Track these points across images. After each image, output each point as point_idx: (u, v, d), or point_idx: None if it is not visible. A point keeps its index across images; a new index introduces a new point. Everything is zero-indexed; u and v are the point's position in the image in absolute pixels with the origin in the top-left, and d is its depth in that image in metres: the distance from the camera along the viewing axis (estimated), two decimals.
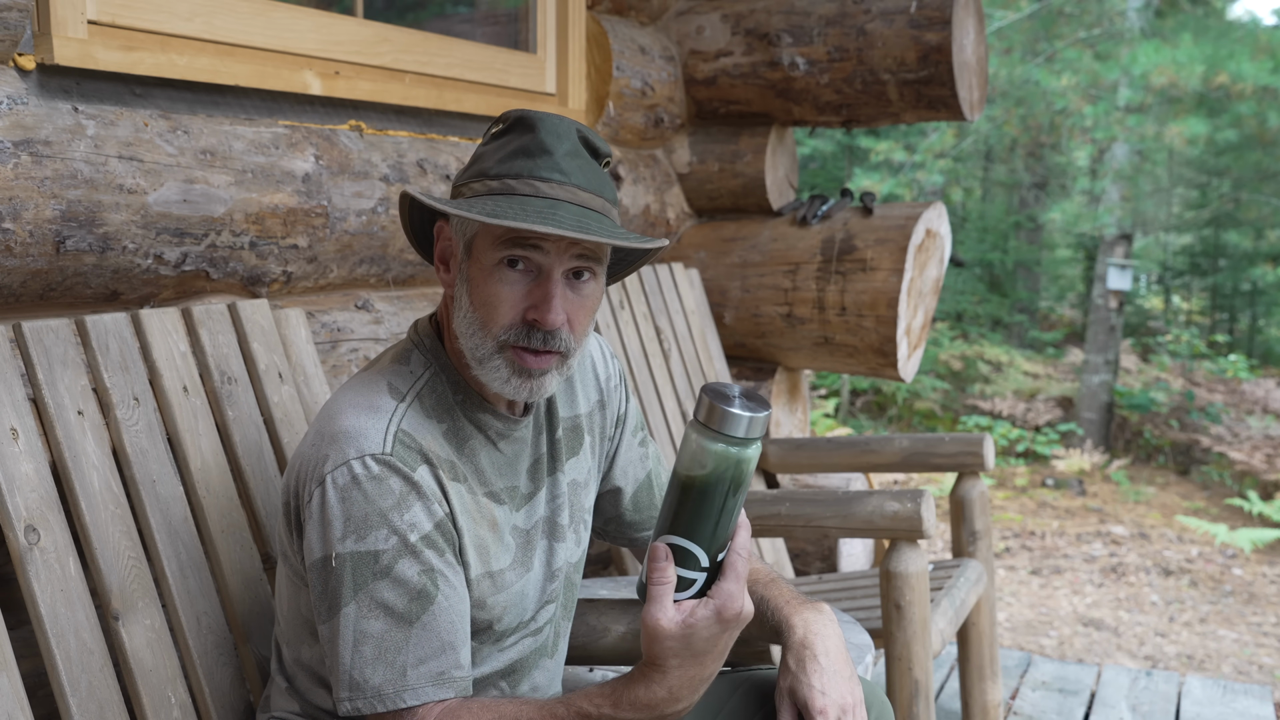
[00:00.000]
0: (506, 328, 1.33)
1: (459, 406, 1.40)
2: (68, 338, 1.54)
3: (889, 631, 2.15)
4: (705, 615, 1.20)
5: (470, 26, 3.16)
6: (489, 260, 1.32)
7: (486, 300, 1.33)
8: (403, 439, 1.32)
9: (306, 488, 1.33)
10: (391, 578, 1.29)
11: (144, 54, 1.82)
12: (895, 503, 2.15)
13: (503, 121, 1.37)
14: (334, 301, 2.24)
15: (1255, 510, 7.45)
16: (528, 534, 1.47)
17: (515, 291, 1.32)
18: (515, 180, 1.31)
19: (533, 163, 1.31)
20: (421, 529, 1.30)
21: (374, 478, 1.29)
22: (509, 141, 1.34)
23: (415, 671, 1.28)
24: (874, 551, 3.37)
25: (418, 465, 1.32)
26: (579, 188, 1.32)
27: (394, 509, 1.29)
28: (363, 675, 1.28)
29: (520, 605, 1.45)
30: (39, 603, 1.40)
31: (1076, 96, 10.07)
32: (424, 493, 1.31)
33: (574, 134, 1.35)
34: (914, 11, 2.97)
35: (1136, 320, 13.49)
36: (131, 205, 1.76)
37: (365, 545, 1.28)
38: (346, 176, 2.18)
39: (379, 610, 1.28)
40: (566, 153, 1.33)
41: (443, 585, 1.31)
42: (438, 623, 1.30)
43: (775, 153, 3.29)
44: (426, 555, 1.30)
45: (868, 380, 10.29)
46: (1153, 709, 3.38)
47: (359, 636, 1.28)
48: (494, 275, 1.32)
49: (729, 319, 3.23)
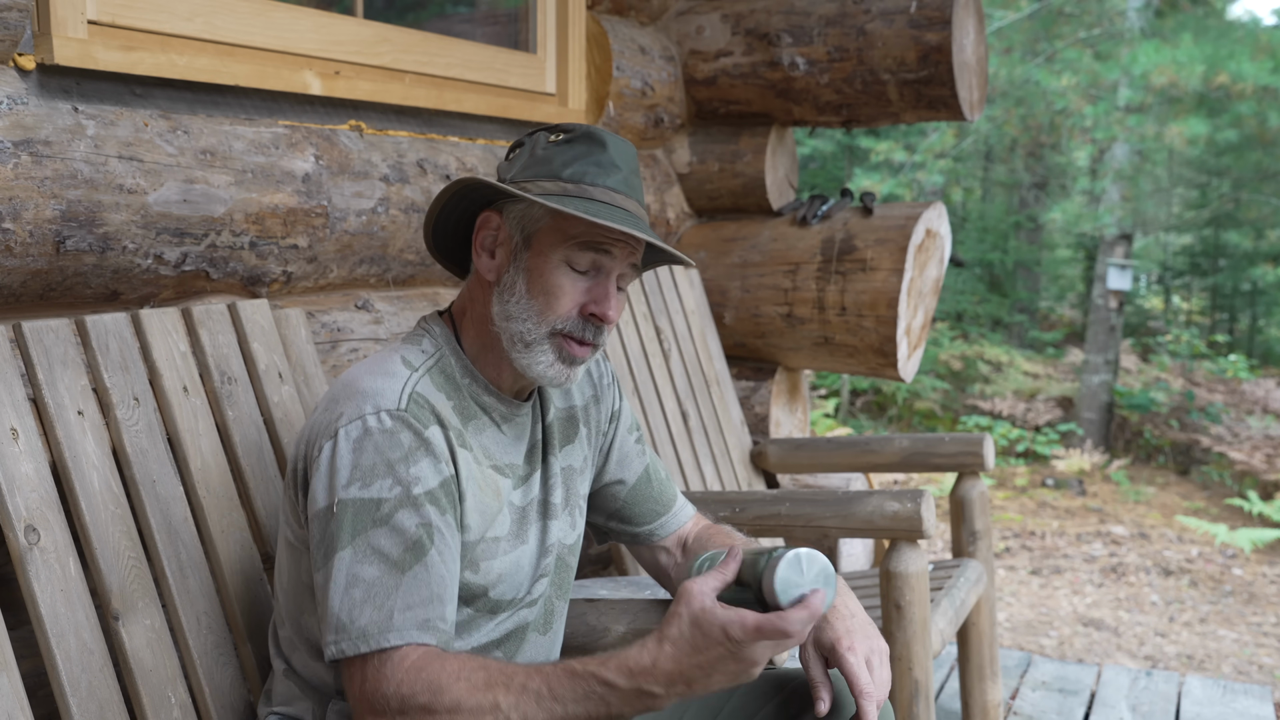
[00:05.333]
0: (564, 318, 1.43)
1: (465, 388, 1.48)
2: (68, 338, 1.54)
3: (889, 631, 2.15)
4: (729, 616, 1.19)
5: (470, 26, 3.16)
6: (556, 255, 1.42)
7: (549, 291, 1.42)
8: (417, 399, 1.38)
9: (318, 443, 1.38)
10: (390, 526, 1.32)
11: (144, 54, 1.82)
12: (895, 503, 2.15)
13: (566, 132, 1.46)
14: (334, 301, 2.24)
15: (1255, 510, 7.46)
16: (523, 510, 1.52)
17: (578, 287, 1.43)
18: (591, 186, 1.42)
19: (605, 174, 1.43)
20: (426, 484, 1.35)
21: (386, 430, 1.34)
22: (580, 152, 1.44)
23: (402, 615, 1.30)
24: (874, 551, 3.37)
25: (430, 424, 1.38)
26: (637, 200, 1.45)
27: (401, 461, 1.34)
28: (350, 617, 1.30)
29: (515, 577, 1.49)
30: (39, 603, 1.40)
31: (1076, 96, 10.07)
32: (433, 450, 1.36)
33: (634, 155, 1.47)
34: (914, 11, 2.97)
35: (1136, 320, 13.49)
36: (131, 205, 1.76)
37: (369, 493, 1.33)
38: (346, 176, 2.18)
39: (374, 556, 1.32)
40: (631, 170, 1.46)
41: (438, 541, 1.34)
42: (429, 574, 1.33)
43: (775, 153, 3.29)
44: (427, 510, 1.34)
45: (868, 380, 10.30)
46: (1153, 709, 3.38)
47: (351, 580, 1.31)
48: (560, 270, 1.42)
49: (729, 319, 3.23)
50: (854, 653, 1.39)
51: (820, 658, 1.43)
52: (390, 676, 1.28)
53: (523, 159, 1.47)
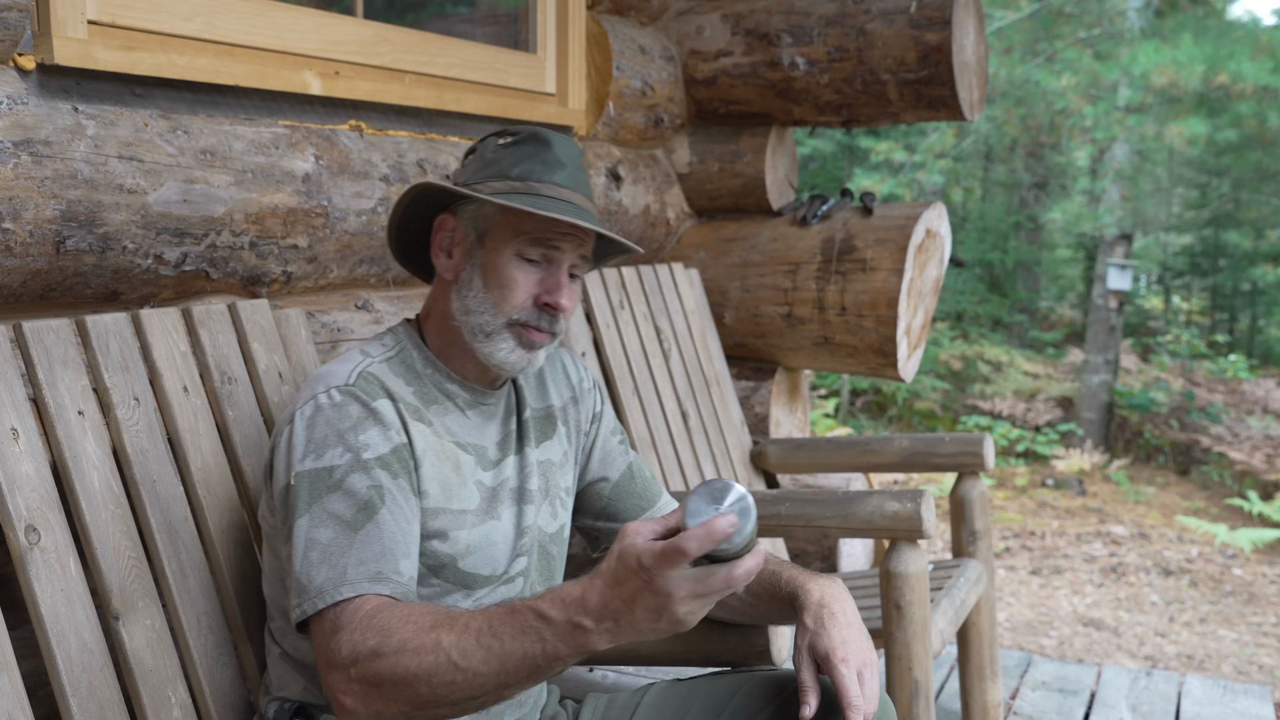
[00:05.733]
0: (519, 308, 1.51)
1: (427, 377, 1.56)
2: (68, 338, 1.54)
3: (889, 631, 2.15)
4: (643, 545, 1.13)
5: (470, 26, 3.16)
6: (508, 249, 1.51)
7: (503, 284, 1.51)
8: (366, 377, 1.48)
9: (279, 430, 1.48)
10: (343, 490, 1.40)
11: (144, 54, 1.82)
12: (895, 503, 2.15)
13: (514, 135, 1.55)
14: (334, 301, 2.24)
15: (1255, 510, 7.46)
16: (494, 490, 1.57)
17: (530, 279, 1.52)
18: (538, 183, 1.50)
19: (550, 171, 1.51)
20: (376, 450, 1.42)
21: (335, 404, 1.44)
22: (527, 152, 1.52)
23: (355, 570, 1.36)
24: (874, 551, 3.37)
25: (378, 396, 1.46)
26: (585, 197, 1.54)
27: (350, 430, 1.42)
28: (309, 578, 1.36)
29: (488, 551, 1.53)
30: (39, 603, 1.40)
31: (1076, 96, 10.07)
32: (381, 419, 1.44)
33: (578, 154, 1.56)
34: (914, 11, 2.97)
35: (1136, 320, 13.49)
36: (131, 205, 1.76)
37: (321, 462, 1.41)
38: (346, 176, 2.18)
39: (329, 519, 1.38)
40: (576, 167, 1.54)
41: (389, 501, 1.40)
42: (381, 531, 1.39)
43: (775, 153, 3.29)
44: (377, 473, 1.41)
45: (868, 380, 10.30)
46: (1153, 709, 3.38)
47: (309, 544, 1.38)
48: (512, 264, 1.51)
49: (729, 319, 3.23)
50: (847, 664, 1.41)
51: (812, 662, 1.44)
52: (345, 626, 1.32)
53: (475, 163, 1.56)
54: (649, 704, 1.61)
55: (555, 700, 1.70)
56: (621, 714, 1.63)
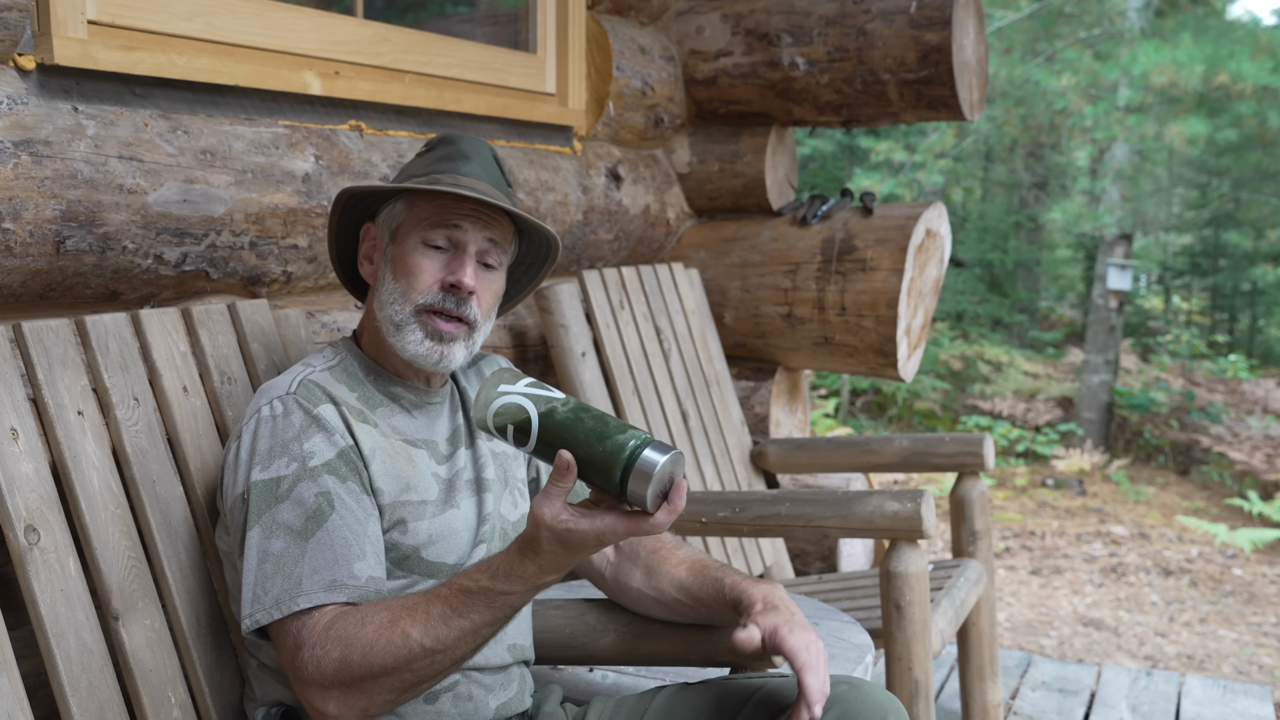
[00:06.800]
0: (425, 292, 1.53)
1: (370, 382, 1.59)
2: (68, 338, 1.54)
3: (889, 631, 2.15)
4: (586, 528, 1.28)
5: (470, 26, 3.16)
6: (414, 240, 1.55)
7: (409, 271, 1.54)
8: (307, 384, 1.50)
9: (228, 446, 1.51)
10: (291, 500, 1.43)
11: (144, 54, 1.82)
12: (895, 503, 2.15)
13: (429, 144, 1.64)
14: (334, 301, 2.24)
15: (1255, 510, 7.46)
16: (450, 481, 1.60)
17: (435, 264, 1.54)
18: (440, 175, 1.55)
19: (454, 165, 1.57)
20: (322, 456, 1.45)
21: (278, 415, 1.47)
22: (437, 154, 1.60)
23: (310, 580, 1.39)
24: (874, 551, 3.37)
25: (321, 402, 1.49)
26: (491, 184, 1.57)
27: (295, 439, 1.45)
28: (264, 588, 1.40)
29: (450, 539, 1.55)
30: (39, 603, 1.40)
31: (1076, 96, 10.07)
32: (325, 425, 1.47)
33: (488, 150, 1.62)
34: (914, 11, 2.97)
35: (1136, 320, 13.49)
36: (131, 205, 1.76)
37: (269, 473, 1.44)
38: (346, 177, 2.18)
39: (280, 530, 1.42)
40: (482, 161, 1.59)
41: (338, 506, 1.43)
42: (331, 538, 1.41)
43: (775, 153, 3.29)
44: (324, 479, 1.44)
45: (868, 380, 10.30)
46: (1153, 709, 3.38)
47: (262, 555, 1.41)
48: (417, 251, 1.54)
49: (729, 319, 3.23)
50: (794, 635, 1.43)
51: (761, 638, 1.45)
52: (305, 642, 1.36)
53: (399, 177, 1.63)
54: (657, 709, 1.59)
55: (556, 700, 1.70)
56: (630, 719, 1.62)
